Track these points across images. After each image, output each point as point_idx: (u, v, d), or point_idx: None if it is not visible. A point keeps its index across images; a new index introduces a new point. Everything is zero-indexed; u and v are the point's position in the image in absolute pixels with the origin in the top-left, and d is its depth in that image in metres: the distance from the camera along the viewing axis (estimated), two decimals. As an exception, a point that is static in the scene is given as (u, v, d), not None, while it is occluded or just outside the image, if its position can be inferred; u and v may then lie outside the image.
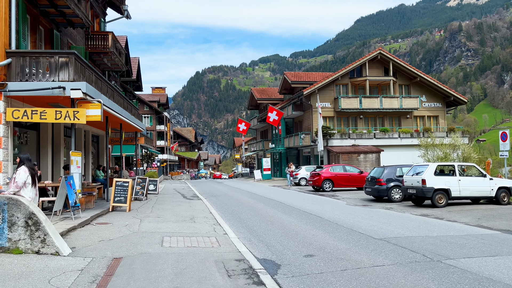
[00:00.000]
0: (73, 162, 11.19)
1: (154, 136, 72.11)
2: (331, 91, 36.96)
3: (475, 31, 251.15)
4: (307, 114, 37.97)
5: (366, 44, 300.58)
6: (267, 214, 13.02)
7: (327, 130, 33.87)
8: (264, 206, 15.39)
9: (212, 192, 23.87)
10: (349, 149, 33.12)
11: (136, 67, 47.36)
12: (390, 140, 35.42)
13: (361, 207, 14.83)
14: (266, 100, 48.99)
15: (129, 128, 20.30)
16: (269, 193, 22.28)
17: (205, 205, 16.04)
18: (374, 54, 36.76)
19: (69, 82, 11.04)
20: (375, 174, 17.12)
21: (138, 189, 17.65)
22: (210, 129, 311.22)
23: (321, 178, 22.54)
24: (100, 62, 20.11)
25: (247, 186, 30.82)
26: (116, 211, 13.42)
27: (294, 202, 16.67)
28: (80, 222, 10.04)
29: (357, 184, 23.13)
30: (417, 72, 37.54)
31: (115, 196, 13.27)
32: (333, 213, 13.09)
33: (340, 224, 10.64)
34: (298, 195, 20.50)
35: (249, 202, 17.33)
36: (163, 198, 19.01)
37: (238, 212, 13.88)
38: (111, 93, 15.61)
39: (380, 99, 36.25)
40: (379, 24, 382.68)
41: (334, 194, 21.05)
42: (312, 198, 18.93)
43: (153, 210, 13.92)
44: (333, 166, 23.32)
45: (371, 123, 37.81)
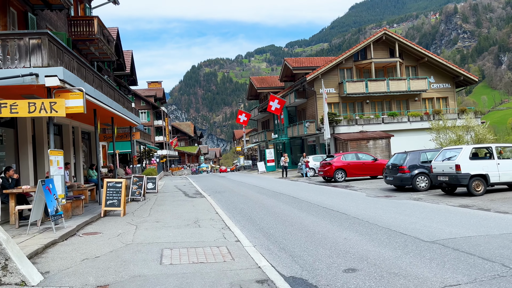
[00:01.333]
0: (52, 163, 9.48)
1: (152, 132, 70.33)
2: (335, 76, 35.16)
3: (471, 13, 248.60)
4: (310, 101, 36.20)
5: (361, 30, 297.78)
6: (282, 213, 11.35)
7: (333, 117, 32.15)
8: (276, 202, 13.73)
9: (215, 188, 22.22)
10: (357, 136, 31.44)
11: (130, 61, 45.52)
12: (399, 125, 33.71)
13: (385, 199, 13.18)
14: (266, 89, 47.15)
15: (122, 122, 18.59)
16: (277, 186, 20.63)
17: (209, 203, 14.38)
18: (378, 35, 34.90)
19: (43, 67, 9.30)
20: (397, 161, 15.44)
21: (134, 189, 15.98)
22: (209, 123, 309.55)
23: (333, 168, 20.88)
24: (87, 51, 18.33)
25: (252, 179, 29.18)
26: (109, 216, 11.76)
27: (308, 196, 15.01)
28: (62, 234, 8.36)
29: (371, 173, 21.49)
30: (425, 52, 35.71)
31: (107, 199, 11.59)
32: (357, 207, 11.43)
33: (372, 223, 8.98)
34: (310, 188, 18.85)
35: (258, 198, 15.67)
36: (162, 198, 17.35)
37: (248, 211, 12.22)
38: (98, 83, 13.87)
39: (387, 82, 34.48)
40: (373, 10, 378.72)
41: (349, 184, 19.40)
42: (326, 190, 17.27)
43: (152, 213, 12.25)
44: (344, 155, 21.64)
45: (378, 107, 36.07)
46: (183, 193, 19.42)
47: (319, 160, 28.04)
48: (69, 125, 16.14)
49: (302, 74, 38.46)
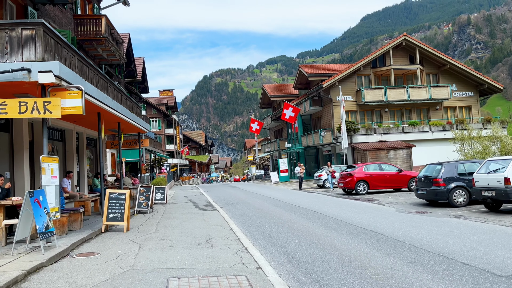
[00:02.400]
0: (45, 171, 8.26)
1: (163, 140, 69.51)
2: (353, 83, 33.77)
3: (484, 24, 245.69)
4: (326, 109, 34.81)
5: (373, 41, 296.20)
6: (306, 230, 9.95)
7: (351, 126, 30.68)
8: (296, 218, 12.33)
9: (228, 199, 20.88)
10: (376, 146, 29.89)
11: (141, 68, 44.82)
12: (420, 134, 32.09)
13: (420, 216, 11.69)
14: (279, 97, 45.89)
15: (130, 128, 17.46)
16: (294, 198, 19.21)
17: (222, 217, 13.04)
18: (398, 41, 33.48)
19: (36, 62, 8.14)
20: (430, 172, 13.96)
21: (141, 200, 14.73)
22: (220, 132, 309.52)
23: (354, 179, 19.40)
24: (94, 53, 17.29)
25: (266, 190, 27.77)
26: (111, 231, 10.49)
27: (331, 211, 13.58)
28: (52, 256, 7.09)
29: (395, 185, 19.96)
30: (447, 59, 34.15)
31: (108, 213, 10.33)
32: (392, 226, 9.98)
33: (418, 246, 7.54)
34: (331, 201, 17.39)
35: (275, 211, 14.28)
36: (171, 209, 16.06)
37: (266, 227, 10.84)
38: (103, 84, 12.74)
39: (407, 90, 32.95)
40: (385, 20, 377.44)
41: (372, 197, 17.90)
42: (350, 204, 15.80)
43: (158, 228, 10.95)
44: (367, 165, 20.16)
45: (397, 116, 34.51)
46: (194, 205, 18.12)
47: (337, 171, 26.56)
48: (72, 130, 15.01)
49: (318, 81, 37.14)
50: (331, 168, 23.64)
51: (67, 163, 14.82)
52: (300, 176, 26.52)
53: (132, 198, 14.98)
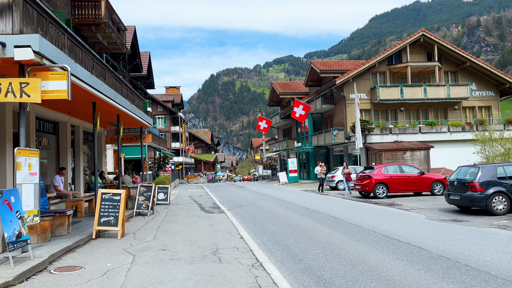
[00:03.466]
0: (20, 166, 6.88)
1: (169, 138, 68.33)
2: (367, 80, 32.21)
3: (494, 26, 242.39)
4: (339, 107, 33.28)
5: (381, 42, 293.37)
6: (329, 241, 8.50)
7: (365, 125, 29.14)
8: (315, 225, 10.87)
9: (235, 201, 19.47)
10: (391, 146, 28.33)
11: (147, 63, 43.62)
12: (438, 135, 30.46)
13: (457, 225, 10.18)
14: (289, 95, 44.41)
15: (131, 122, 16.10)
16: (307, 201, 17.74)
17: (230, 222, 11.62)
18: (416, 37, 31.86)
19: (13, 35, 6.78)
20: (464, 175, 12.44)
21: (141, 201, 13.36)
22: (226, 131, 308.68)
23: (373, 182, 17.89)
24: (93, 39, 15.96)
25: (275, 191, 26.33)
26: (103, 237, 9.11)
27: (352, 217, 12.11)
28: (23, 272, 5.71)
29: (416, 189, 18.41)
30: (467, 56, 32.47)
31: (100, 216, 8.95)
32: (430, 237, 8.50)
33: (476, 268, 6.07)
34: (348, 205, 15.90)
35: (290, 216, 12.83)
36: (174, 211, 14.67)
37: (282, 235, 9.40)
38: (100, 71, 11.39)
39: (424, 88, 31.34)
40: (394, 22, 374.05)
41: (394, 202, 16.39)
42: (371, 209, 14.31)
43: (158, 234, 9.56)
44: (386, 166, 18.63)
45: (413, 116, 32.90)
46: (199, 206, 16.72)
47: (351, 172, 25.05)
48: (67, 123, 13.68)
49: (330, 78, 35.62)
50: (347, 169, 21.12)
51: (60, 159, 13.50)
52: (321, 177, 23.43)
53: (130, 198, 13.64)
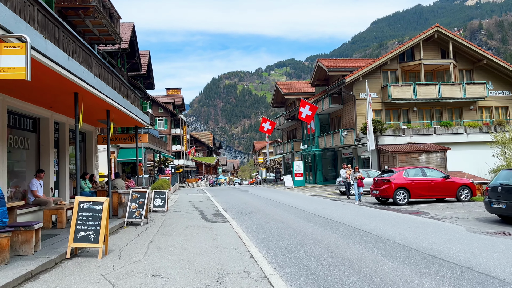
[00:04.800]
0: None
1: (169, 140, 66.68)
2: (378, 79, 30.51)
3: (496, 29, 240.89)
4: (348, 107, 31.55)
5: (383, 45, 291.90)
6: (364, 264, 6.75)
7: (377, 125, 27.40)
8: (338, 239, 9.11)
9: (239, 207, 17.72)
10: (405, 148, 26.59)
11: (147, 62, 41.98)
12: (454, 137, 28.70)
13: (505, 239, 8.42)
14: (294, 95, 42.71)
15: (124, 119, 14.40)
16: (320, 208, 15.98)
17: (236, 234, 9.87)
18: (430, 33, 30.14)
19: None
20: (508, 180, 10.67)
21: (133, 208, 11.62)
22: (227, 134, 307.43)
23: (392, 187, 16.13)
24: (82, 27, 14.28)
25: (281, 196, 24.56)
26: (81, 256, 7.37)
27: (379, 228, 10.34)
28: None
29: (440, 194, 16.64)
30: (483, 53, 30.74)
31: (77, 230, 7.22)
32: (491, 258, 6.74)
33: None
34: (368, 213, 14.13)
35: (304, 227, 11.07)
36: (172, 220, 12.93)
37: (300, 254, 7.65)
38: (84, 57, 9.68)
39: (439, 87, 29.59)
40: (395, 25, 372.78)
41: (418, 209, 14.62)
42: (395, 218, 12.54)
43: (149, 252, 7.81)
44: (407, 170, 16.86)
45: (426, 116, 31.14)
46: (200, 214, 14.97)
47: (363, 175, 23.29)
48: (49, 119, 11.97)
49: (338, 77, 33.93)
50: (359, 174, 18.57)
51: (41, 160, 11.79)
52: (347, 181, 19.92)
53: (122, 206, 11.90)
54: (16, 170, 10.86)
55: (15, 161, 10.83)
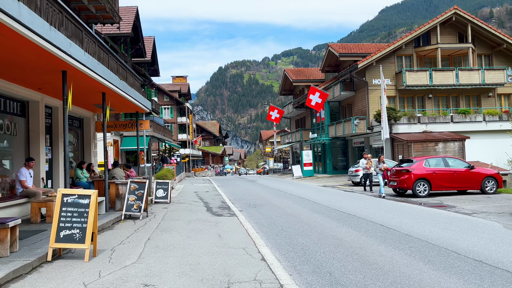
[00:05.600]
0: None
1: (175, 129, 65.80)
2: (391, 64, 29.09)
3: (507, 17, 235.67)
4: (360, 94, 30.23)
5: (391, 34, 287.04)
6: (398, 270, 5.65)
7: (391, 113, 26.10)
8: (361, 238, 8.01)
9: (247, 198, 16.69)
10: (420, 137, 25.30)
11: (151, 48, 40.84)
12: (472, 125, 27.31)
13: None
14: (303, 82, 41.35)
15: (122, 104, 13.32)
16: (334, 200, 14.88)
17: (245, 230, 8.82)
18: (447, 15, 28.60)
19: None
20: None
21: (131, 201, 10.60)
22: (234, 124, 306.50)
23: (412, 177, 14.96)
24: (77, 3, 13.13)
25: (291, 186, 23.50)
26: (65, 258, 6.35)
27: (406, 225, 9.22)
28: None
29: (464, 186, 15.44)
30: (504, 37, 29.14)
31: (60, 228, 6.19)
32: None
33: None
34: (388, 206, 13.00)
35: (320, 222, 9.99)
36: (174, 213, 11.91)
37: (319, 255, 6.58)
38: (73, 30, 8.59)
39: (456, 73, 28.14)
40: (404, 13, 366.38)
41: (441, 202, 13.46)
42: (419, 212, 11.40)
43: (145, 253, 6.78)
44: (428, 159, 15.66)
45: (442, 103, 29.75)
46: (205, 206, 13.95)
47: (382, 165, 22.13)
48: (39, 102, 10.93)
49: (350, 62, 32.56)
50: (384, 164, 16.41)
51: (30, 147, 10.78)
52: (366, 172, 18.16)
53: (119, 197, 10.90)
54: (2, 158, 9.87)
55: (1, 148, 9.83)
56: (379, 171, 16.33)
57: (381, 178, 16.06)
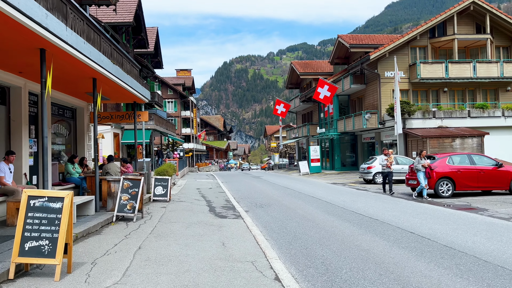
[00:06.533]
0: None
1: (179, 123, 64.66)
2: (405, 56, 27.65)
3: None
4: (371, 87, 28.84)
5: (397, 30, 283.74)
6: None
7: (405, 107, 24.72)
8: (392, 249, 6.74)
9: (253, 197, 15.46)
10: (436, 132, 23.92)
11: (154, 39, 39.57)
12: (490, 120, 25.84)
13: None
14: (311, 75, 39.95)
15: (117, 92, 12.10)
16: (349, 201, 13.62)
17: (253, 237, 7.58)
18: (465, 4, 27.06)
19: None
20: None
21: (124, 200, 9.39)
22: (238, 119, 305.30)
23: (435, 176, 13.66)
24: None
25: (298, 184, 22.24)
26: (32, 275, 5.13)
27: (439, 233, 7.95)
28: None
29: (490, 185, 14.11)
30: (525, 28, 27.60)
31: (25, 238, 4.98)
32: None
33: None
34: (410, 208, 11.70)
35: (339, 228, 8.73)
36: (173, 214, 10.70)
37: (345, 274, 5.34)
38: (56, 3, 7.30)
39: (474, 65, 26.67)
40: (411, 9, 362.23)
41: (469, 204, 12.16)
42: (448, 216, 10.11)
43: (132, 268, 5.54)
44: (452, 156, 14.33)
45: (458, 97, 28.31)
46: (207, 205, 12.73)
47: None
48: (21, 89, 9.70)
49: (361, 54, 31.15)
50: (427, 161, 13.87)
51: (12, 139, 9.59)
52: (387, 170, 15.66)
53: (111, 196, 9.70)
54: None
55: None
56: (421, 167, 13.65)
57: (422, 177, 13.57)
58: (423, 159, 13.91)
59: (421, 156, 14.04)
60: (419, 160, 13.86)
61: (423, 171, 13.59)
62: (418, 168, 13.73)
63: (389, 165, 15.54)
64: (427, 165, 13.61)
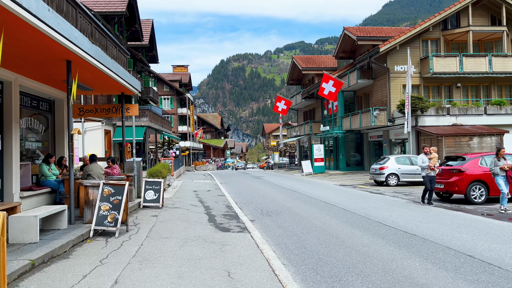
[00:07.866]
0: None
1: (175, 120, 62.75)
2: (416, 49, 25.94)
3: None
4: (379, 82, 27.13)
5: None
6: None
7: (418, 103, 23.02)
8: (458, 284, 4.99)
9: (257, 201, 13.70)
10: (450, 130, 22.26)
11: (149, 31, 37.66)
12: (508, 118, 24.22)
13: None
14: (313, 70, 38.15)
15: (102, 82, 10.27)
16: (369, 208, 11.88)
17: (266, 262, 5.84)
18: (480, -6, 25.42)
19: None
20: None
21: (104, 211, 7.62)
22: (235, 117, 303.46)
23: (465, 179, 11.95)
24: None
25: (304, 185, 20.49)
26: None
27: (503, 254, 6.22)
28: None
29: (527, 190, 12.38)
30: (543, 20, 25.97)
31: None
32: None
33: None
34: (445, 218, 9.96)
35: (373, 248, 6.99)
36: (165, 226, 8.91)
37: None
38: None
39: (489, 59, 24.99)
40: (408, 8, 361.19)
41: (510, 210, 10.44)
42: (499, 229, 8.38)
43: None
44: (484, 157, 12.61)
45: (471, 93, 26.64)
46: (206, 213, 10.95)
47: (405, 163, 19.14)
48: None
49: (368, 47, 29.44)
50: (507, 162, 10.89)
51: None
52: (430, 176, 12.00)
53: (89, 204, 7.90)
54: None
55: None
56: (500, 171, 10.73)
57: (503, 183, 10.69)
58: (502, 159, 10.85)
59: (498, 155, 10.89)
60: (496, 161, 10.88)
61: (502, 175, 10.73)
62: (496, 171, 10.78)
63: (433, 167, 12.03)
64: (508, 168, 10.65)
